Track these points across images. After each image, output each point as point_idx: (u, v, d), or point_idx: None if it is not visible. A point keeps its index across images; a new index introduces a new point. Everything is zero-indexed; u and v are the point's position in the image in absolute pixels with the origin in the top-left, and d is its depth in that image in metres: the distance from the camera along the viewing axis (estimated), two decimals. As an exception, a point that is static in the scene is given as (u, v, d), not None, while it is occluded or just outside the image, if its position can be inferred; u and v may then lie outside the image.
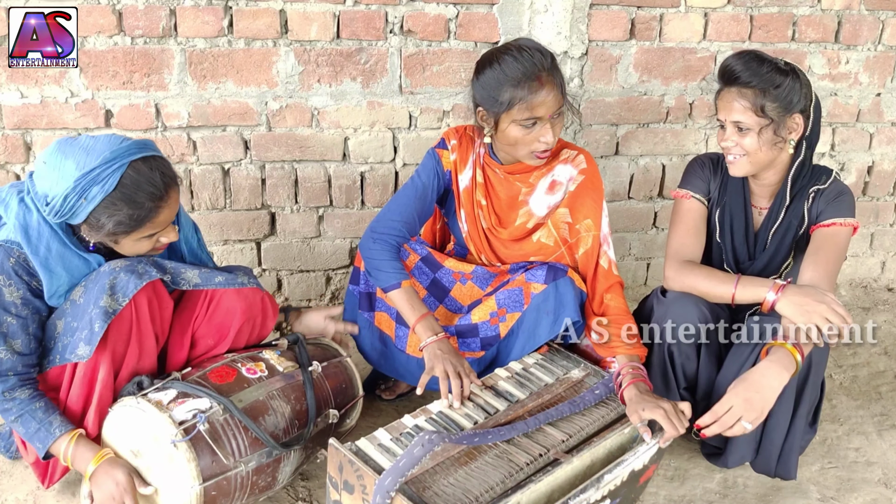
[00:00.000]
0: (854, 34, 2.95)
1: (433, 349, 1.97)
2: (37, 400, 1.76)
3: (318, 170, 2.74)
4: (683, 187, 2.19)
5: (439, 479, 1.58)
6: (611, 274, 2.07)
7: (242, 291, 1.94)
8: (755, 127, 1.95)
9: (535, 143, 1.99)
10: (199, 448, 1.67)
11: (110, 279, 1.73)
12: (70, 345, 1.76)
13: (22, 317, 1.75)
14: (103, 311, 1.69)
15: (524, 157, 2.04)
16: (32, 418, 1.74)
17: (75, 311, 1.76)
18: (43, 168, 1.69)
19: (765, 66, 1.94)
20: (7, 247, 1.73)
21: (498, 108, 1.96)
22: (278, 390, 1.88)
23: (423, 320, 2.03)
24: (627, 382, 1.87)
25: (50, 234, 1.73)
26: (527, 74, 1.92)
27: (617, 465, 1.68)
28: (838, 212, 2.03)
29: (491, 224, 2.17)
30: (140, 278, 1.75)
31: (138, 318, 1.78)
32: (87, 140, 1.70)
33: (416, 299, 2.07)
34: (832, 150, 3.14)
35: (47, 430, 1.74)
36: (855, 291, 3.33)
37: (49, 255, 1.73)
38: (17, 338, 1.76)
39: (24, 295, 1.75)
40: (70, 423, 1.77)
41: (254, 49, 2.54)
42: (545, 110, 1.94)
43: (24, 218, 1.71)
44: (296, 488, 2.02)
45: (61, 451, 1.75)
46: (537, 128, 1.96)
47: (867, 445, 2.30)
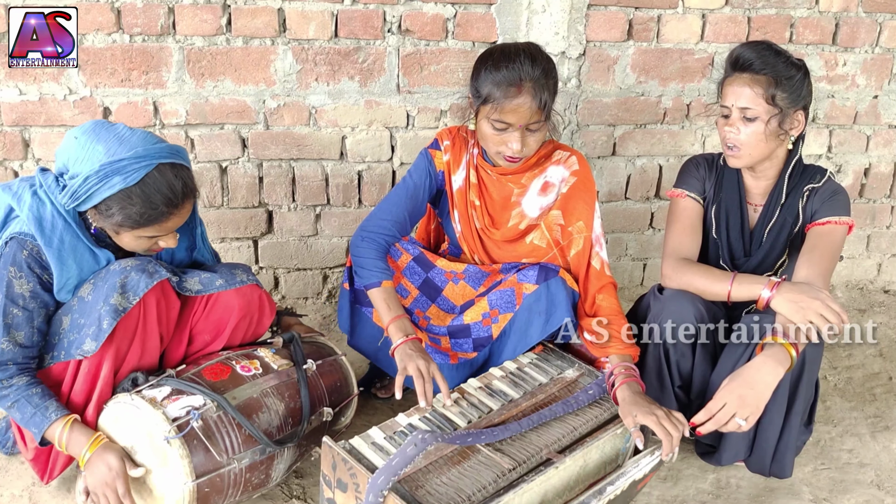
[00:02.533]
0: (852, 36, 2.96)
1: (403, 350, 1.96)
2: (33, 386, 1.77)
3: (316, 168, 2.75)
4: (679, 186, 2.20)
5: (432, 478, 1.58)
6: (603, 275, 2.08)
7: (241, 289, 1.94)
8: (763, 115, 1.96)
9: (502, 146, 1.99)
10: (192, 445, 1.68)
11: (121, 277, 1.73)
12: (76, 341, 1.77)
13: (28, 310, 1.77)
14: (113, 309, 1.70)
15: (493, 156, 2.05)
16: (28, 403, 1.75)
17: (83, 308, 1.77)
18: (72, 143, 1.70)
19: (779, 57, 1.97)
20: (21, 238, 1.74)
21: (478, 100, 1.99)
22: (272, 388, 1.88)
23: (396, 321, 2.02)
24: (620, 382, 1.87)
25: (63, 226, 1.74)
26: (508, 78, 1.92)
27: (619, 476, 1.70)
28: (833, 210, 2.04)
29: (484, 224, 2.17)
30: (151, 277, 1.76)
31: (145, 318, 1.79)
32: (123, 129, 1.73)
33: (394, 300, 2.07)
34: (829, 151, 3.14)
35: (43, 415, 1.74)
36: (851, 293, 3.34)
37: (62, 246, 1.74)
38: (21, 330, 1.77)
39: (33, 288, 1.76)
40: (66, 409, 1.77)
41: (252, 47, 2.54)
42: (516, 119, 1.93)
43: (38, 210, 1.73)
44: (290, 486, 2.03)
45: (56, 435, 1.75)
46: (507, 133, 1.97)
47: (860, 447, 2.31)
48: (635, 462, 1.74)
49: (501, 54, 1.96)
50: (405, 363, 1.93)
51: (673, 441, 1.75)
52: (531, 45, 2.01)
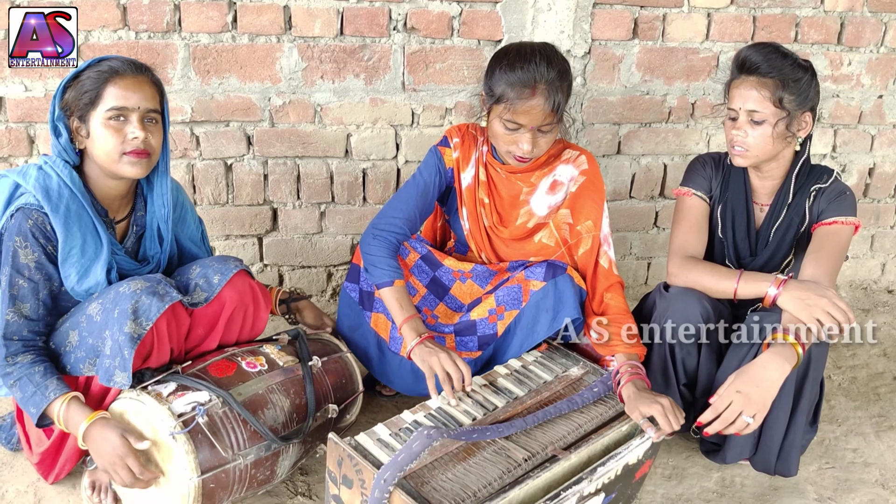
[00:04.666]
0: (857, 36, 2.95)
1: (421, 349, 1.96)
2: (37, 364, 1.78)
3: (321, 166, 2.75)
4: (685, 185, 2.20)
5: (437, 475, 1.58)
6: (611, 273, 2.08)
7: (231, 280, 1.91)
8: (771, 118, 1.96)
9: (512, 146, 2.00)
10: (197, 440, 1.68)
11: (132, 302, 1.72)
12: (83, 359, 1.79)
13: (34, 281, 1.79)
14: (129, 338, 1.70)
15: (503, 155, 2.06)
16: (30, 382, 1.75)
17: (91, 327, 1.77)
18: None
19: (786, 59, 1.97)
20: (27, 209, 1.76)
21: (492, 99, 1.99)
22: (278, 384, 1.88)
23: (410, 321, 2.02)
24: (626, 380, 1.87)
25: (70, 195, 1.79)
26: (522, 80, 1.92)
27: (610, 457, 1.69)
28: (840, 210, 2.05)
29: (493, 222, 2.17)
30: (162, 300, 1.74)
31: (158, 340, 1.79)
32: None
33: (407, 300, 2.06)
34: (833, 151, 3.14)
35: (42, 394, 1.74)
36: (855, 293, 3.33)
37: (69, 213, 1.78)
38: (27, 301, 1.79)
39: (38, 258, 1.78)
40: (66, 387, 1.76)
41: (257, 45, 2.54)
42: (528, 120, 1.94)
43: (45, 181, 1.79)
44: (295, 482, 2.03)
45: (55, 412, 1.74)
46: (518, 133, 1.97)
47: (865, 446, 2.31)
48: (627, 444, 1.73)
49: (517, 54, 1.96)
50: (430, 364, 1.91)
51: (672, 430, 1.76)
52: (547, 46, 2.00)
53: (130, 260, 1.92)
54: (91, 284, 1.83)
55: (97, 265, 1.83)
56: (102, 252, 1.83)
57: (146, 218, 1.97)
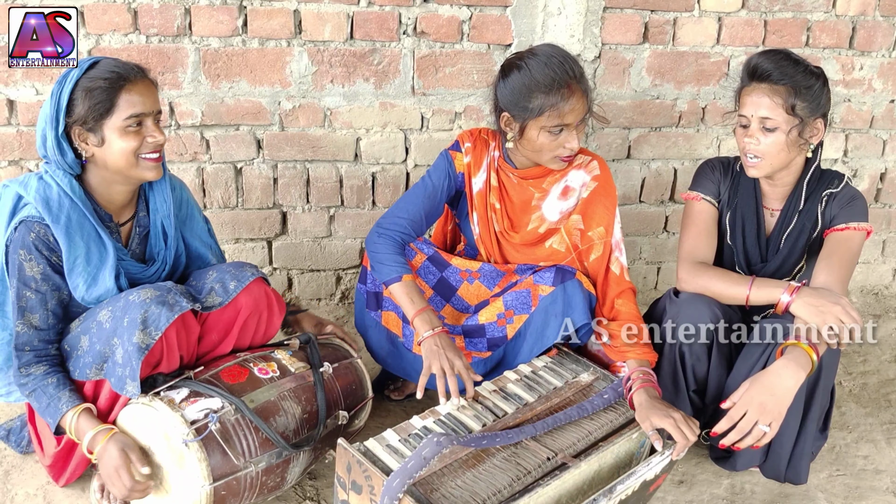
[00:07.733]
0: (868, 40, 2.94)
1: (430, 344, 1.95)
2: (50, 376, 1.81)
3: (330, 170, 2.75)
4: (694, 189, 2.20)
5: (447, 481, 1.58)
6: (622, 279, 2.08)
7: (248, 287, 1.93)
8: (783, 126, 1.95)
9: (559, 149, 2.01)
10: (210, 448, 1.68)
11: (142, 312, 1.72)
12: (90, 364, 1.80)
13: (41, 292, 1.80)
14: (137, 348, 1.71)
15: (548, 162, 2.05)
16: (44, 393, 1.79)
17: (100, 334, 1.78)
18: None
19: (798, 66, 1.96)
20: (28, 222, 1.77)
21: (527, 115, 1.97)
22: (290, 391, 1.88)
23: (421, 314, 2.01)
24: (637, 387, 1.87)
25: (70, 204, 1.79)
26: (558, 82, 1.92)
27: (629, 476, 1.68)
28: (852, 216, 2.03)
29: (503, 228, 2.17)
30: (171, 310, 1.75)
31: (168, 349, 1.79)
32: None
33: (417, 293, 2.06)
34: (845, 156, 3.13)
35: (56, 406, 1.78)
36: (866, 298, 3.32)
37: (70, 223, 1.78)
38: (35, 312, 1.80)
39: (44, 270, 1.79)
40: (78, 399, 1.80)
41: (267, 49, 2.55)
42: (574, 117, 1.96)
43: (45, 191, 1.79)
44: (303, 487, 2.03)
45: (67, 423, 1.78)
46: (563, 134, 1.98)
47: (876, 453, 2.30)
48: (646, 461, 1.73)
49: (537, 65, 1.95)
50: (430, 360, 1.92)
51: (688, 443, 1.75)
52: (553, 47, 2.01)
53: (136, 263, 1.93)
54: (101, 292, 1.83)
55: (104, 272, 1.83)
56: (108, 258, 1.84)
57: (149, 217, 1.98)
